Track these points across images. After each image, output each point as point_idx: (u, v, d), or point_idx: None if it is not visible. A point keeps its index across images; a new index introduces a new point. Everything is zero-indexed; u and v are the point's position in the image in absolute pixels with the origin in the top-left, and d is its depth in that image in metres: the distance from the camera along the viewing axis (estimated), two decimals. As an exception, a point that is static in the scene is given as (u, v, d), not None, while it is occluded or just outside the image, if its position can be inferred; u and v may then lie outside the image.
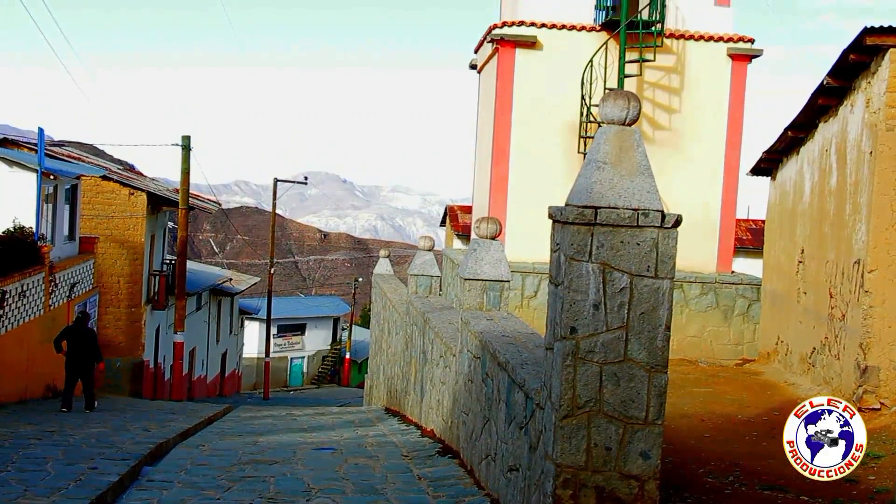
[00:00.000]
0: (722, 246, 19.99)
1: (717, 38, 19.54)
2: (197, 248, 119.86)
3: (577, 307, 5.67)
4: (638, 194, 5.68)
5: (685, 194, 19.22)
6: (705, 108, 19.69)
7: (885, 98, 10.96)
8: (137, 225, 27.47)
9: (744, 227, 29.89)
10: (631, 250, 5.66)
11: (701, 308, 19.46)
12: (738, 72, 19.67)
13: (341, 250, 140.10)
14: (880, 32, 10.86)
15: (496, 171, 19.63)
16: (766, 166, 17.49)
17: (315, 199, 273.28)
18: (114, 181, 27.47)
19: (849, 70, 12.01)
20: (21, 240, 19.17)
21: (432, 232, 65.04)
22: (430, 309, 13.47)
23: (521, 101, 19.41)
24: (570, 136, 19.24)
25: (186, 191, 27.32)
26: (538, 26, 19.26)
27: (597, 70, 18.86)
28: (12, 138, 27.02)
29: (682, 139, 19.64)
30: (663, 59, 19.28)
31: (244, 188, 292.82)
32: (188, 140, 27.16)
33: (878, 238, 11.13)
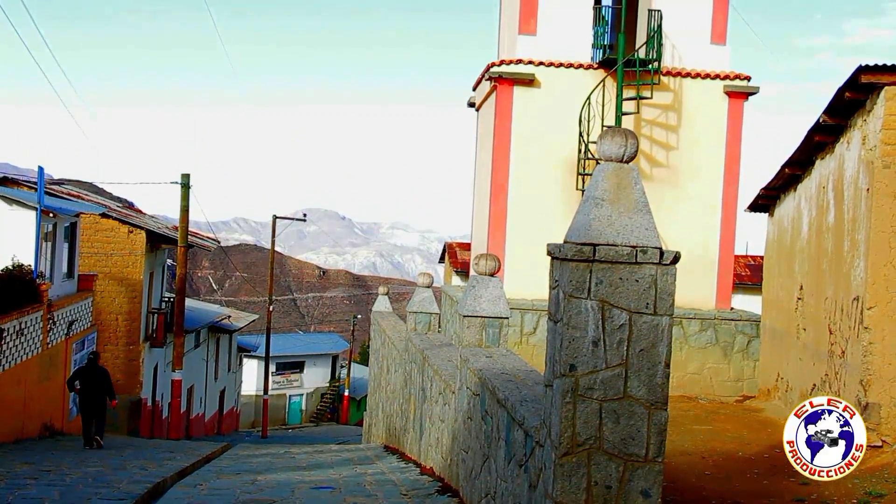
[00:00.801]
0: (721, 282, 20.00)
1: (713, 76, 19.68)
2: (196, 286, 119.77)
3: (577, 344, 5.66)
4: (636, 231, 5.69)
5: (684, 231, 19.27)
6: (703, 145, 19.78)
7: (881, 135, 11.02)
8: (136, 262, 27.48)
9: (742, 264, 29.90)
10: (630, 287, 5.66)
11: (700, 344, 19.43)
12: (734, 109, 19.79)
13: (340, 287, 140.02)
14: (875, 71, 10.94)
15: (495, 208, 19.68)
16: (763, 203, 17.54)
17: (314, 236, 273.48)
18: (113, 219, 27.51)
19: (845, 108, 12.08)
20: (20, 278, 19.16)
21: (431, 269, 65.02)
22: (429, 346, 13.44)
23: (520, 139, 19.50)
24: (568, 173, 19.31)
25: (185, 228, 27.35)
26: (536, 64, 19.40)
27: (594, 107, 18.97)
28: (12, 177, 27.10)
29: (680, 176, 19.71)
30: (660, 96, 19.40)
31: (243, 225, 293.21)
32: (187, 178, 27.24)
33: (877, 274, 11.13)
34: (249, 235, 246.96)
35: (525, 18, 19.64)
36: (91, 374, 17.84)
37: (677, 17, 19.54)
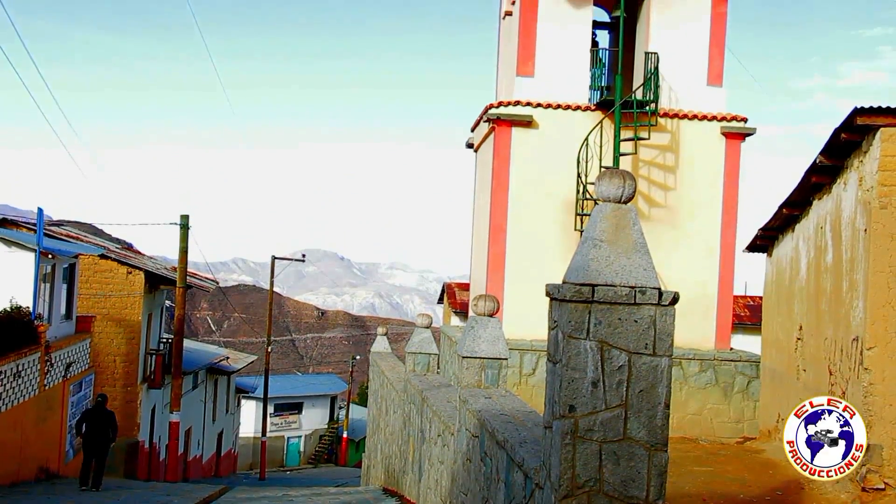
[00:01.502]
0: (720, 322, 19.98)
1: (710, 118, 19.80)
2: (194, 327, 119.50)
3: (576, 385, 5.65)
4: (635, 272, 5.70)
5: (682, 271, 19.28)
6: (700, 186, 19.86)
7: (877, 176, 11.07)
8: (135, 303, 27.44)
9: (741, 304, 29.87)
10: (629, 328, 5.65)
11: (700, 385, 19.36)
12: (731, 150, 19.89)
13: (339, 328, 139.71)
14: (870, 113, 11.02)
15: (493, 248, 19.70)
16: (762, 243, 17.57)
17: (313, 276, 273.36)
18: (112, 260, 27.52)
19: (841, 149, 12.15)
20: (18, 319, 19.13)
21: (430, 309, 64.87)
22: (428, 387, 13.39)
23: (518, 180, 19.58)
24: (566, 213, 19.37)
25: (184, 269, 27.35)
26: (534, 106, 19.52)
27: (592, 148, 19.06)
28: (12, 218, 27.15)
29: (678, 216, 19.76)
30: (658, 137, 19.51)
31: (242, 266, 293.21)
32: (186, 219, 27.29)
33: (876, 315, 11.13)
34: (248, 276, 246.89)
35: (523, 60, 19.80)
36: (98, 417, 18.17)
37: (674, 60, 19.71)
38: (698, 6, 19.98)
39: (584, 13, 19.94)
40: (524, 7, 19.84)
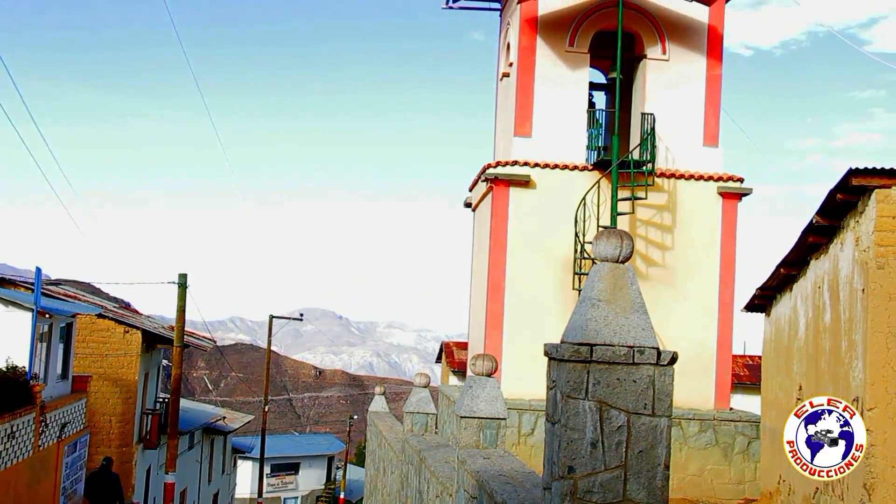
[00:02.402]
0: (719, 382, 19.89)
1: (707, 178, 19.94)
2: (191, 386, 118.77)
3: (575, 446, 5.61)
4: (633, 331, 5.70)
5: (680, 330, 19.25)
6: (698, 245, 19.92)
7: (873, 237, 11.12)
8: (131, 363, 27.33)
9: (741, 363, 29.76)
10: (628, 388, 5.64)
11: (700, 446, 19.21)
12: (728, 210, 19.99)
13: (336, 387, 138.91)
14: (865, 174, 11.10)
15: (491, 307, 19.69)
16: (760, 302, 17.57)
17: (310, 335, 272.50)
18: (109, 319, 27.47)
19: (837, 209, 12.22)
20: (13, 379, 19.03)
21: (428, 368, 64.62)
22: (426, 447, 13.29)
23: (516, 239, 19.64)
24: (564, 272, 19.39)
25: (182, 328, 27.28)
26: (531, 166, 19.66)
27: (590, 208, 19.15)
28: (9, 278, 27.18)
29: (676, 276, 19.79)
30: (655, 197, 19.62)
31: (239, 325, 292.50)
32: (184, 278, 27.28)
33: (876, 375, 11.09)
34: (246, 335, 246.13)
35: (520, 121, 19.99)
36: (102, 480, 18.07)
37: (670, 120, 19.91)
38: (693, 69, 20.24)
39: (580, 75, 20.18)
40: (521, 69, 20.08)
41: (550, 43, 20.05)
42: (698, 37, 20.31)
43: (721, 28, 20.37)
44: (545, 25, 20.01)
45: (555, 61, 20.06)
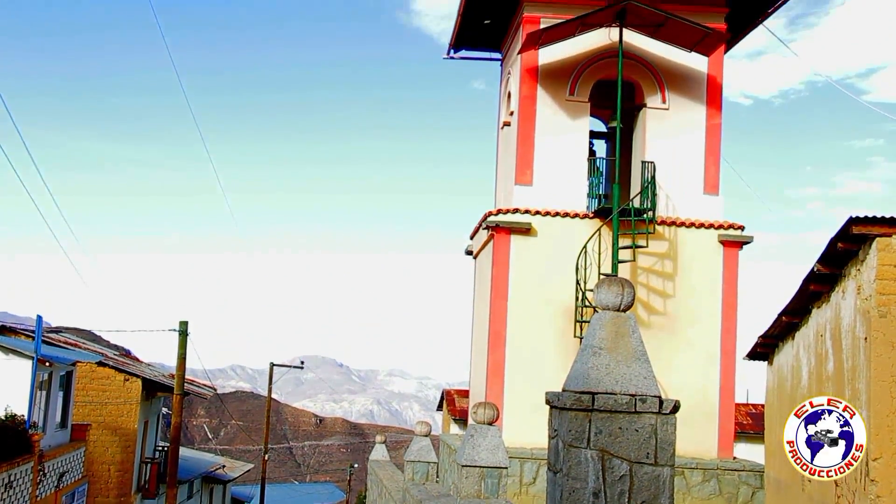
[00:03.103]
0: (722, 431, 19.74)
1: (707, 225, 19.97)
2: (190, 434, 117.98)
3: (577, 496, 5.57)
4: (635, 380, 5.68)
5: (683, 379, 19.16)
6: (699, 293, 19.89)
7: (875, 285, 11.11)
8: (131, 411, 27.19)
9: (744, 412, 29.60)
10: (630, 437, 5.60)
11: (703, 496, 19.02)
12: (729, 257, 20.00)
13: (337, 435, 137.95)
14: (865, 222, 11.12)
15: (493, 355, 19.62)
16: (762, 351, 17.51)
17: (311, 383, 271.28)
18: (109, 367, 27.39)
19: (838, 257, 12.22)
20: (12, 428, 18.93)
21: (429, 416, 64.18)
22: (427, 497, 13.17)
23: (517, 287, 19.62)
24: (566, 320, 19.35)
25: (182, 376, 27.17)
26: (532, 214, 19.71)
27: (591, 256, 19.16)
28: (10, 326, 27.14)
29: (678, 323, 19.74)
30: (656, 245, 19.64)
31: (240, 373, 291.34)
32: (185, 325, 27.24)
33: (880, 425, 11.01)
34: (246, 383, 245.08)
35: (521, 169, 20.09)
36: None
37: (670, 169, 20.00)
38: (693, 117, 20.38)
39: (581, 123, 20.32)
40: (522, 117, 20.23)
41: (551, 92, 20.21)
42: (698, 86, 20.48)
43: (720, 78, 20.55)
44: (546, 75, 20.19)
45: (555, 110, 20.21)
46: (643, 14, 18.85)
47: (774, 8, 20.54)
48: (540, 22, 19.92)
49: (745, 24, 21.17)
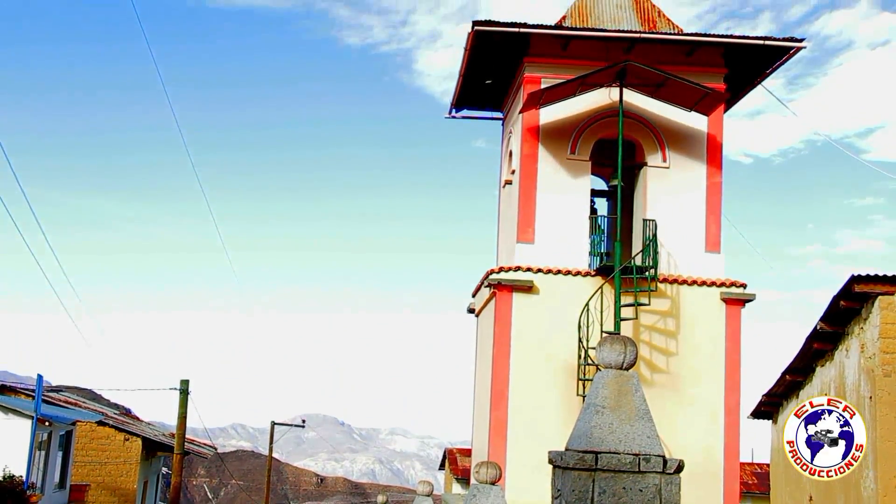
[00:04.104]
0: (727, 491, 19.51)
1: (709, 283, 19.96)
2: (190, 494, 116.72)
3: (581, 558, 5.50)
4: (638, 439, 5.64)
5: (686, 438, 19.00)
6: (702, 351, 19.81)
7: (879, 344, 11.08)
8: (131, 471, 26.96)
9: (749, 471, 29.32)
10: (634, 497, 5.55)
11: (710, 557, 18.74)
12: (732, 315, 19.95)
13: (338, 495, 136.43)
14: (867, 280, 11.13)
15: (495, 414, 19.49)
16: (766, 409, 17.41)
17: (312, 441, 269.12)
18: (109, 426, 27.24)
19: (841, 316, 12.22)
20: (9, 489, 18.75)
21: (431, 475, 63.53)
22: (429, 559, 13.00)
23: (519, 344, 19.57)
24: (568, 378, 19.26)
25: (182, 435, 26.99)
26: (534, 271, 19.73)
27: (593, 314, 19.13)
28: (10, 385, 27.06)
29: (681, 382, 19.63)
30: (658, 302, 19.61)
31: (241, 431, 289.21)
32: (186, 384, 27.11)
33: (888, 485, 10.91)
34: (247, 442, 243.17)
35: (523, 227, 20.15)
36: None
37: (671, 227, 20.05)
38: (694, 176, 20.49)
39: (582, 182, 20.43)
40: (523, 176, 20.35)
41: (552, 151, 20.36)
42: (698, 145, 20.63)
43: (720, 136, 20.70)
44: (547, 134, 20.36)
45: (557, 169, 20.34)
46: (643, 74, 19.06)
47: (772, 69, 20.78)
48: (541, 82, 20.13)
49: (744, 84, 21.39)
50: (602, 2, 21.53)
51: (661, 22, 21.20)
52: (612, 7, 21.39)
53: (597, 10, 21.32)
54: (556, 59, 20.32)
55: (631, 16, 21.23)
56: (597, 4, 21.47)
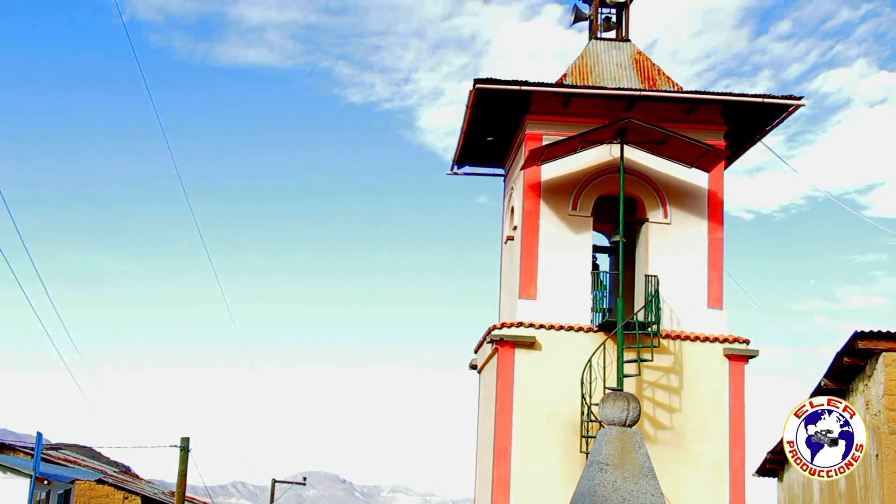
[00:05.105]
0: (733, 550, 19.25)
1: (712, 339, 19.90)
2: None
3: None
4: (642, 497, 5.59)
5: (691, 495, 18.79)
6: (706, 407, 19.67)
7: (883, 401, 11.02)
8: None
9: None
10: (638, 558, 5.48)
11: None
12: (735, 371, 19.85)
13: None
14: (871, 337, 11.11)
15: (497, 471, 19.31)
16: (771, 467, 17.26)
17: (313, 499, 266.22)
18: (108, 484, 27.00)
19: (845, 372, 12.18)
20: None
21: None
22: None
23: (522, 401, 19.45)
24: (571, 435, 19.11)
25: (182, 494, 26.70)
26: (536, 327, 19.68)
27: (596, 370, 19.05)
28: (9, 443, 26.90)
29: (685, 438, 19.47)
30: (661, 358, 19.53)
31: (241, 489, 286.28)
32: (187, 441, 26.90)
33: (894, 543, 10.77)
34: (248, 500, 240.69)
35: (525, 283, 20.16)
36: None
37: (674, 282, 20.05)
38: (695, 232, 20.54)
39: (584, 238, 20.48)
40: (525, 232, 20.41)
41: (554, 207, 20.44)
42: (699, 201, 20.70)
43: (721, 193, 20.79)
44: (548, 190, 20.46)
45: (558, 225, 20.40)
46: (644, 131, 19.21)
47: (772, 126, 20.95)
48: (542, 139, 20.28)
49: (744, 141, 21.54)
50: (602, 60, 21.77)
51: (660, 80, 21.42)
52: (612, 65, 21.63)
53: (597, 69, 21.55)
54: (558, 116, 20.48)
55: (631, 74, 21.46)
56: (597, 63, 21.71)
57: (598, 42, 22.18)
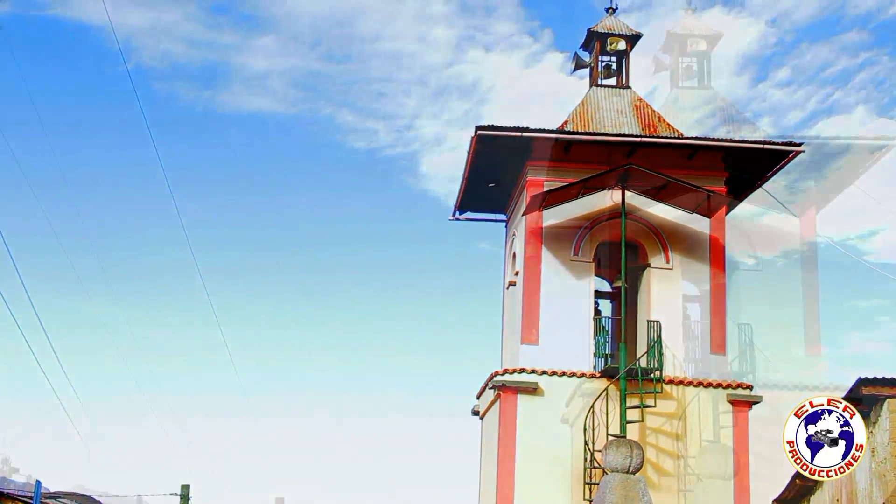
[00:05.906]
0: None
1: (715, 385, 19.82)
2: None
3: None
4: (647, 547, 5.53)
5: (696, 544, 18.60)
6: (710, 453, 19.53)
7: (889, 448, 10.93)
8: (127, 579, 26.34)
9: (760, 580, 28.57)
10: None
11: None
12: (739, 417, 19.76)
13: None
14: (875, 383, 11.03)
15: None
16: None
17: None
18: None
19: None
20: None
21: (435, 585, 61.81)
22: None
23: (524, 447, 19.32)
24: (574, 481, 18.95)
25: (181, 542, 26.43)
26: (539, 373, 19.61)
27: (599, 416, 18.94)
28: (7, 492, 26.66)
29: (689, 485, 19.30)
30: (664, 404, 19.42)
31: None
32: (187, 489, 26.67)
33: (902, 593, 10.63)
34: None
35: (527, 329, 20.12)
36: None
37: (676, 328, 20.02)
38: (697, 277, 20.57)
39: (585, 283, 20.47)
40: (527, 278, 20.42)
41: (555, 252, 20.46)
42: (701, 247, 20.72)
43: (722, 238, 20.82)
44: (550, 236, 20.49)
45: (560, 270, 20.40)
46: (645, 177, 19.28)
47: (772, 173, 21.05)
48: (543, 185, 20.34)
49: (745, 187, 21.61)
50: (603, 107, 21.93)
51: (661, 126, 21.55)
52: (612, 112, 21.78)
53: (598, 115, 21.70)
54: (559, 162, 20.54)
55: (632, 120, 21.61)
56: (598, 109, 21.86)
57: (598, 89, 22.36)
